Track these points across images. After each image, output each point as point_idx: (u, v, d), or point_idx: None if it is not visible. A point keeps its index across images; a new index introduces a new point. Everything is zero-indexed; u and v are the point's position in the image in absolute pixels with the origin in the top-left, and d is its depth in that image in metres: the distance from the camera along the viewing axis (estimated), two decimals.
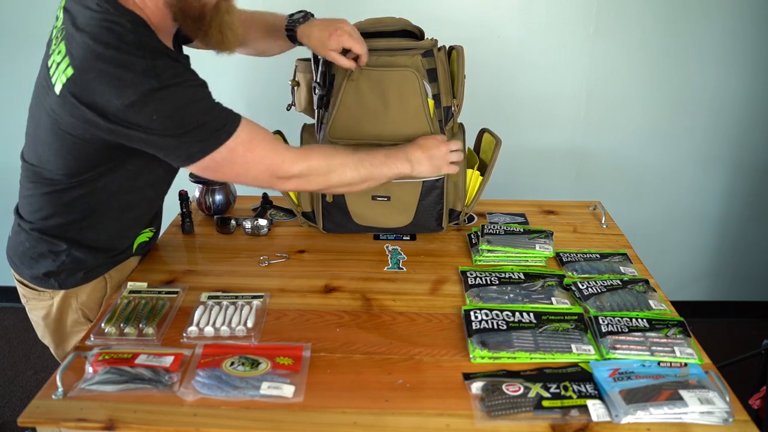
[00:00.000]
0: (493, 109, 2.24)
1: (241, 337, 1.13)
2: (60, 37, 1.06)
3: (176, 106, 1.02)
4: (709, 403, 0.93)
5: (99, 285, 1.29)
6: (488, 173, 1.49)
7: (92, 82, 0.99)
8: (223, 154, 1.07)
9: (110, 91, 0.99)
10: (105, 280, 1.30)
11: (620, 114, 2.30)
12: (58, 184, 1.15)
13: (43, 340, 1.36)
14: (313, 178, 1.20)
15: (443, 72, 1.42)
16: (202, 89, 1.07)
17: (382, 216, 1.47)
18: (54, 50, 1.06)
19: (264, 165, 1.14)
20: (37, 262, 1.23)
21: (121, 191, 1.19)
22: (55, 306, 1.27)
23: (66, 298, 1.27)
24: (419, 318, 1.20)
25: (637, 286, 1.26)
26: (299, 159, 1.16)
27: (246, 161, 1.11)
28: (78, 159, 1.11)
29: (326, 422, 0.93)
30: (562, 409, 0.94)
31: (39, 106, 1.11)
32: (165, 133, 1.03)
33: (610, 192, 2.32)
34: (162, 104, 1.01)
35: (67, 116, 1.04)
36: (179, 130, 1.03)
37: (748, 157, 2.36)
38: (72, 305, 1.28)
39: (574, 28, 2.17)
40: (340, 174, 1.21)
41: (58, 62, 1.03)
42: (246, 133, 1.09)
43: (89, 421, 0.93)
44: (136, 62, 0.99)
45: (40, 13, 2.21)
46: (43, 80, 1.09)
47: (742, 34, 2.17)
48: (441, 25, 1.62)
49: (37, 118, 1.12)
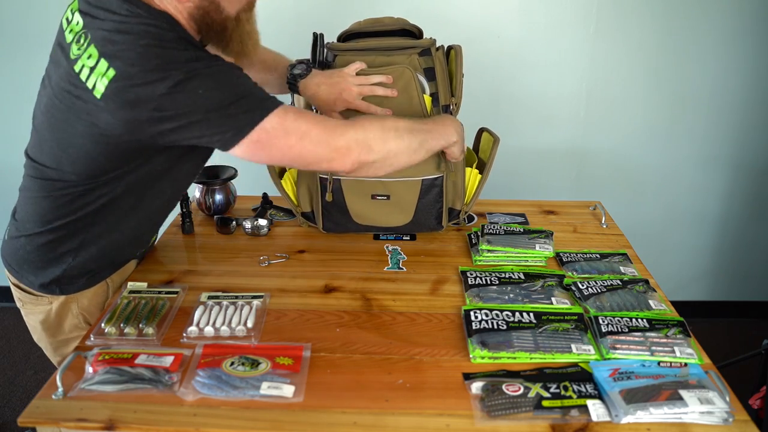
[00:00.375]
0: (493, 109, 2.25)
1: (241, 337, 1.13)
2: (85, 41, 1.04)
3: (221, 80, 1.03)
4: (709, 403, 0.93)
5: (100, 290, 1.28)
6: (487, 171, 1.49)
7: (136, 79, 0.99)
8: (274, 122, 1.04)
9: (155, 81, 0.99)
10: (107, 284, 1.29)
11: (620, 114, 2.30)
12: (73, 186, 1.12)
13: (39, 343, 1.34)
14: (373, 144, 1.13)
15: (441, 71, 1.42)
16: (241, 71, 1.08)
17: (382, 215, 1.47)
18: (80, 54, 1.04)
19: (317, 132, 1.08)
20: (40, 269, 1.21)
21: (138, 191, 1.17)
22: (54, 311, 1.25)
23: (66, 303, 1.24)
24: (419, 318, 1.20)
25: (637, 286, 1.26)
26: (351, 126, 1.12)
27: (299, 127, 1.07)
28: (111, 160, 1.09)
29: (326, 422, 0.93)
30: (562, 409, 0.94)
31: (66, 112, 1.08)
32: (212, 107, 1.01)
33: (610, 192, 2.32)
34: (207, 80, 1.01)
35: (110, 118, 1.02)
36: (226, 101, 1.02)
37: (748, 157, 2.36)
38: (72, 310, 1.26)
39: (574, 27, 2.18)
40: (396, 140, 1.15)
41: (91, 66, 1.02)
42: (292, 108, 1.08)
43: (89, 421, 0.93)
44: (179, 55, 1.01)
45: (40, 13, 2.21)
46: (69, 85, 1.06)
47: (742, 34, 2.17)
48: (441, 25, 1.62)
49: (62, 123, 1.09)
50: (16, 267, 1.25)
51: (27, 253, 1.21)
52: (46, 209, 1.16)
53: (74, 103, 1.06)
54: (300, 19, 2.13)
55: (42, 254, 1.20)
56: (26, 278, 1.24)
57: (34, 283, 1.23)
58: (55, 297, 1.24)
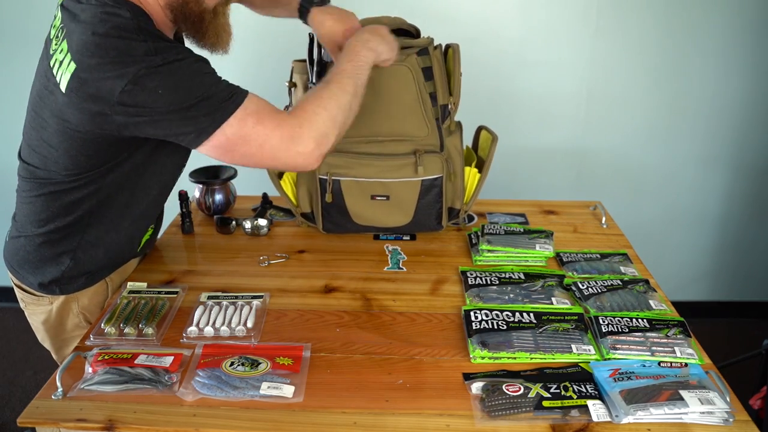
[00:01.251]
0: (493, 108, 2.24)
1: (240, 337, 1.12)
2: (61, 36, 1.05)
3: (181, 79, 1.01)
4: (710, 403, 0.93)
5: (100, 288, 1.28)
6: (486, 170, 1.49)
7: (95, 72, 0.98)
8: (234, 128, 1.04)
9: (114, 77, 0.98)
10: (106, 283, 1.29)
11: (620, 114, 2.30)
12: (61, 184, 1.13)
13: (44, 344, 1.34)
14: (329, 130, 1.11)
15: (439, 70, 1.42)
16: (205, 64, 1.06)
17: (382, 215, 1.47)
18: (56, 50, 1.05)
19: (277, 135, 1.07)
20: (39, 269, 1.21)
21: (126, 187, 1.18)
22: (55, 311, 1.26)
23: (66, 302, 1.25)
24: (419, 318, 1.20)
25: (638, 286, 1.26)
26: (304, 124, 1.10)
27: (258, 134, 1.06)
28: (89, 157, 1.09)
29: (326, 422, 0.93)
30: (562, 409, 0.94)
31: (44, 109, 1.09)
32: (172, 108, 1.00)
33: (610, 192, 2.32)
34: (167, 78, 1.00)
35: (77, 113, 1.02)
36: (186, 103, 1.01)
37: (749, 157, 2.36)
38: (73, 309, 1.26)
39: (575, 27, 2.17)
40: (339, 108, 1.13)
41: (60, 60, 1.03)
42: (254, 104, 1.06)
43: (89, 421, 0.93)
44: (137, 46, 0.99)
45: (40, 13, 2.21)
46: (46, 81, 1.08)
47: (742, 34, 2.17)
48: (440, 24, 1.62)
49: (42, 120, 1.10)
50: (17, 268, 1.25)
51: (27, 254, 1.21)
52: (40, 209, 1.17)
53: (49, 100, 1.07)
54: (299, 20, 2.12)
55: (41, 254, 1.20)
56: (27, 279, 1.24)
57: (34, 283, 1.23)
58: (56, 297, 1.24)
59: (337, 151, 1.41)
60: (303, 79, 1.47)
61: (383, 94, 1.37)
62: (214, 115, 1.03)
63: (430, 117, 1.40)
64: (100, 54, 0.98)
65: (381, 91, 1.36)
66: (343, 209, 1.47)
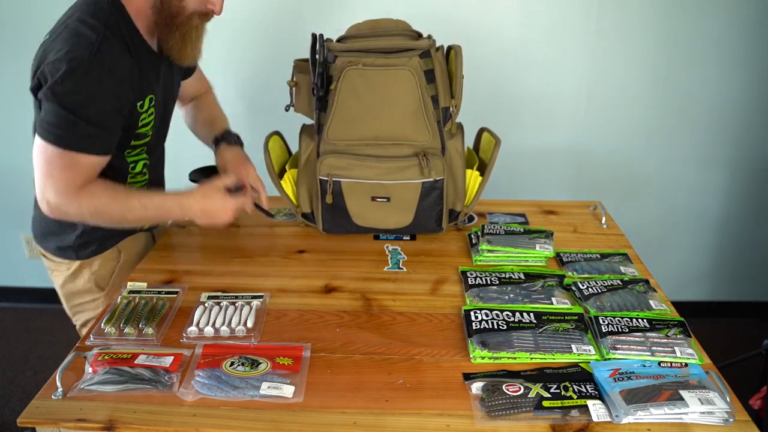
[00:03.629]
0: (493, 108, 2.24)
1: (240, 337, 1.13)
2: None
3: (95, 96, 1.13)
4: (710, 403, 0.93)
5: (111, 255, 1.40)
6: (488, 173, 1.49)
7: (50, 47, 1.12)
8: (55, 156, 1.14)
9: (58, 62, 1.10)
10: (118, 250, 1.41)
11: (620, 114, 2.30)
12: None
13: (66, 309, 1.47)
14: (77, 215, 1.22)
15: (441, 72, 1.42)
16: (117, 96, 1.16)
17: (382, 217, 1.47)
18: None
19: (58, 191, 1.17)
20: (56, 236, 1.36)
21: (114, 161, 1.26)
22: (70, 275, 1.39)
23: (80, 267, 1.39)
24: (419, 318, 1.20)
25: (638, 286, 1.26)
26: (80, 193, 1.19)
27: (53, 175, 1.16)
28: None
29: (326, 422, 0.93)
30: (562, 409, 0.94)
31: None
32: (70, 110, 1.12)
33: (610, 192, 2.32)
34: (87, 86, 1.12)
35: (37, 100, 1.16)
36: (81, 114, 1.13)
37: (748, 158, 2.36)
38: (84, 275, 1.39)
39: (575, 27, 2.17)
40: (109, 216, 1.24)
41: None
42: (69, 156, 1.15)
43: (89, 421, 0.93)
44: (88, 38, 1.11)
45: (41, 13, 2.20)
46: None
47: (742, 34, 2.17)
48: (441, 25, 1.62)
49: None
50: (41, 236, 1.40)
51: (47, 224, 1.35)
52: None
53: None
54: (300, 20, 2.13)
55: (57, 222, 1.30)
56: (48, 245, 1.40)
57: (54, 249, 1.39)
58: (72, 262, 1.39)
59: (338, 153, 1.41)
60: (305, 79, 1.46)
61: (385, 97, 1.36)
62: (71, 139, 1.14)
63: (432, 121, 1.40)
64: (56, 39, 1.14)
65: (383, 94, 1.36)
66: (343, 210, 1.46)
